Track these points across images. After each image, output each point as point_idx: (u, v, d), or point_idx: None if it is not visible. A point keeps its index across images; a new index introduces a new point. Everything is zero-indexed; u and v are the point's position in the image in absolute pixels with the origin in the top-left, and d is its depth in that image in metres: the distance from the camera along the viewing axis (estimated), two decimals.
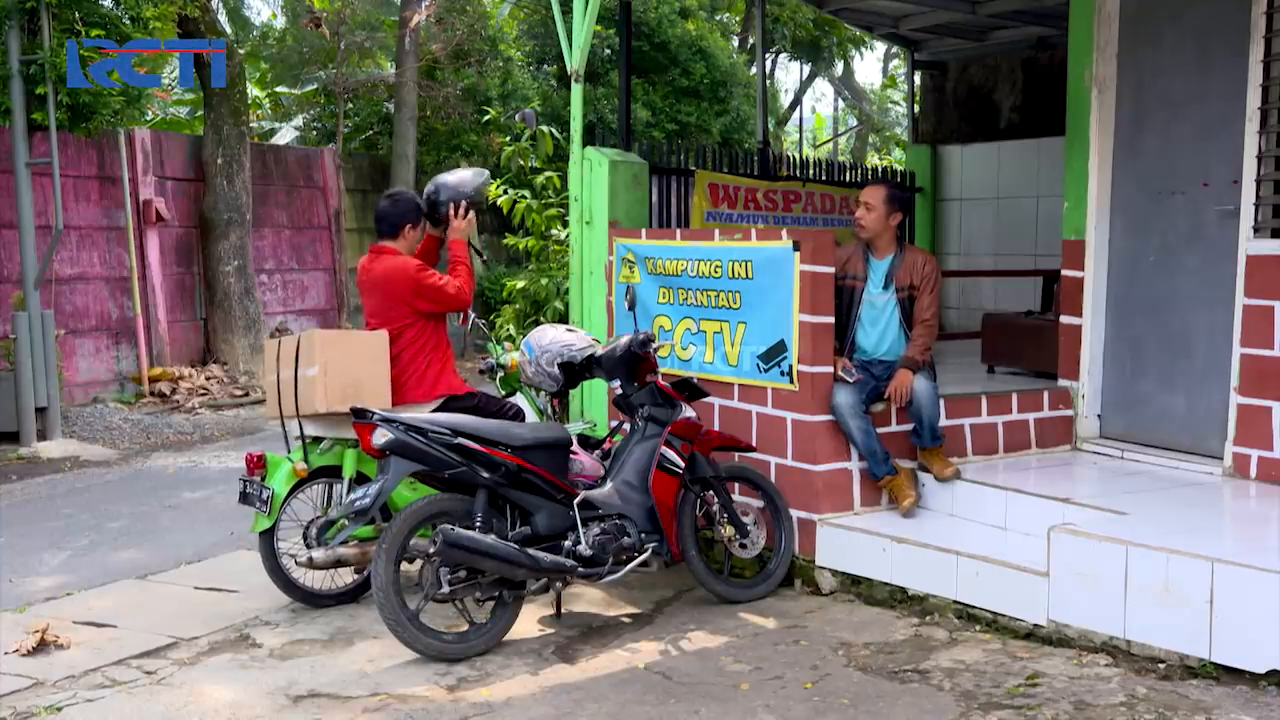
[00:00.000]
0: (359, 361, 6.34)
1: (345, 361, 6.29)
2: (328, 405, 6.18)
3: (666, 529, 6.16)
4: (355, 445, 6.27)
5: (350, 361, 6.31)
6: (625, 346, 6.28)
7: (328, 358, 6.24)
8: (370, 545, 6.19)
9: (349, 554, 6.25)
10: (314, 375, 6.23)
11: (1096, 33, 7.32)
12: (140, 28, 11.77)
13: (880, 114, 36.57)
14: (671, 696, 5.14)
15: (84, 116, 11.57)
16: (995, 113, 12.09)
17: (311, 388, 6.22)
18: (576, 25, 7.79)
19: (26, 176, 11.51)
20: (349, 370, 6.27)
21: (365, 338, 6.51)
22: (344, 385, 6.21)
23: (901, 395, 6.53)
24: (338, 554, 6.22)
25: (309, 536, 6.33)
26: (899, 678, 5.27)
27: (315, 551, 6.20)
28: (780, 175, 10.99)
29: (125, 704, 5.19)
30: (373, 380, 6.32)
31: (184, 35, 14.66)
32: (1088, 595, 5.43)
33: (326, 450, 6.45)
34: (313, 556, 6.18)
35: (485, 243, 20.10)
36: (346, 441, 6.35)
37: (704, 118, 21.35)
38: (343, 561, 6.26)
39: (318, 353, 6.25)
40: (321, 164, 17.71)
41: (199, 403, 13.91)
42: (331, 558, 6.21)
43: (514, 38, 21.00)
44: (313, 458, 6.37)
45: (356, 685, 5.33)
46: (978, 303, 11.44)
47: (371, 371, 6.34)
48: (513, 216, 9.41)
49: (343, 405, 6.11)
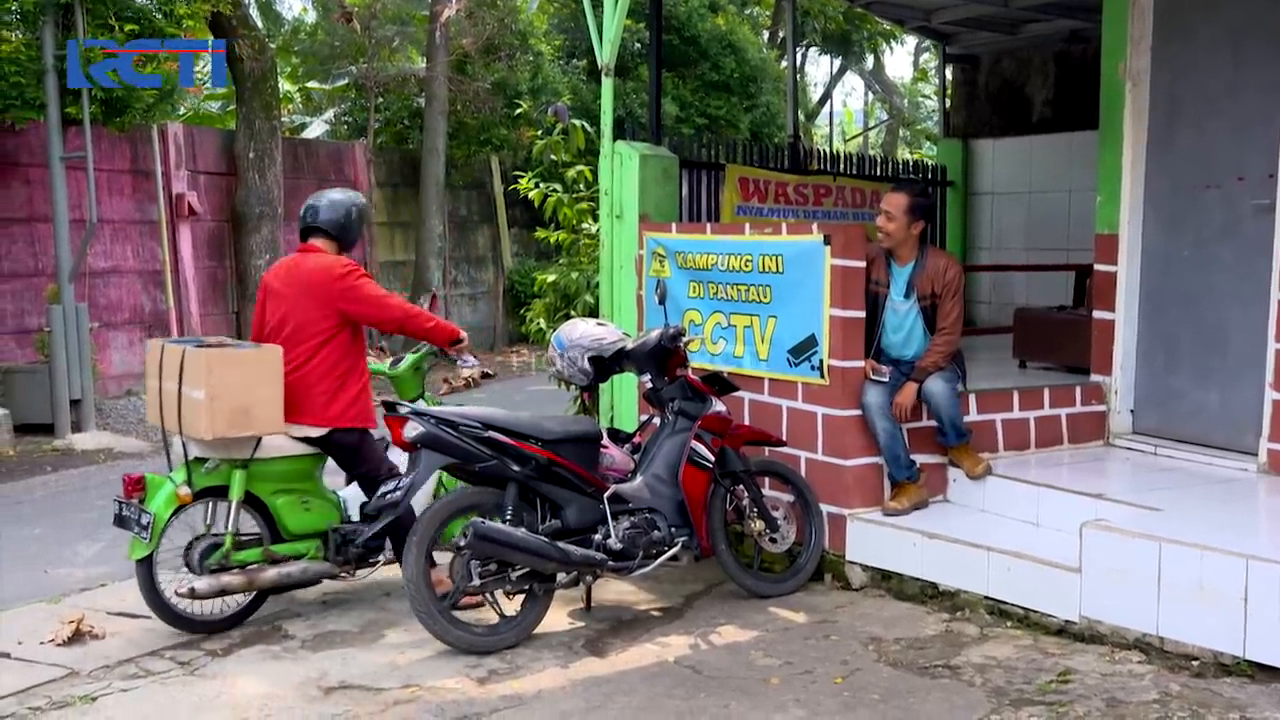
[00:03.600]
0: (250, 384, 5.79)
1: (234, 385, 5.73)
2: (213, 432, 5.68)
3: (696, 523, 6.16)
4: (243, 465, 5.90)
5: (240, 384, 5.76)
6: (655, 340, 6.28)
7: (215, 382, 5.69)
8: (256, 572, 5.89)
9: (234, 582, 5.84)
10: (200, 399, 5.68)
11: (1130, 26, 7.27)
12: (173, 23, 11.85)
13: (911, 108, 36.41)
14: (701, 690, 5.15)
15: (117, 111, 11.66)
16: (1027, 106, 12.02)
17: (197, 413, 5.70)
18: (607, 19, 7.79)
19: (61, 171, 11.60)
20: (238, 394, 5.73)
21: (257, 356, 5.93)
22: (232, 410, 5.70)
23: (904, 413, 6.49)
24: (222, 583, 5.80)
25: (190, 561, 5.89)
26: (930, 673, 5.25)
27: (198, 581, 5.76)
28: (811, 169, 10.96)
29: (159, 694, 5.23)
30: (264, 404, 5.80)
31: (216, 31, 14.77)
32: (1120, 591, 5.40)
33: (212, 470, 5.92)
34: (194, 587, 5.74)
35: (516, 237, 20.16)
36: (234, 461, 5.90)
37: (733, 112, 21.32)
38: (227, 590, 5.84)
39: (204, 376, 5.69)
40: (352, 158, 17.77)
41: None
42: (215, 587, 5.78)
43: (544, 32, 21.01)
44: (197, 478, 5.87)
45: (387, 677, 5.36)
46: (1009, 297, 11.38)
47: (264, 394, 5.81)
48: (543, 210, 9.41)
49: (230, 432, 5.72)
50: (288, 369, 5.96)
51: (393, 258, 18.50)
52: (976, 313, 11.71)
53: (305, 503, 6.10)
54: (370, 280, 6.18)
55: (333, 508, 6.22)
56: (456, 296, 19.19)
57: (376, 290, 6.16)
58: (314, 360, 6.04)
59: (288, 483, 6.09)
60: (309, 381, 6.02)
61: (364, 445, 6.18)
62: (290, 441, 6.05)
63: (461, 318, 19.19)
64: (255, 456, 5.93)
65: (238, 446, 5.88)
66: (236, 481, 5.92)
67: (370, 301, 6.10)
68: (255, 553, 5.96)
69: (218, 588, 5.81)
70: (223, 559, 5.86)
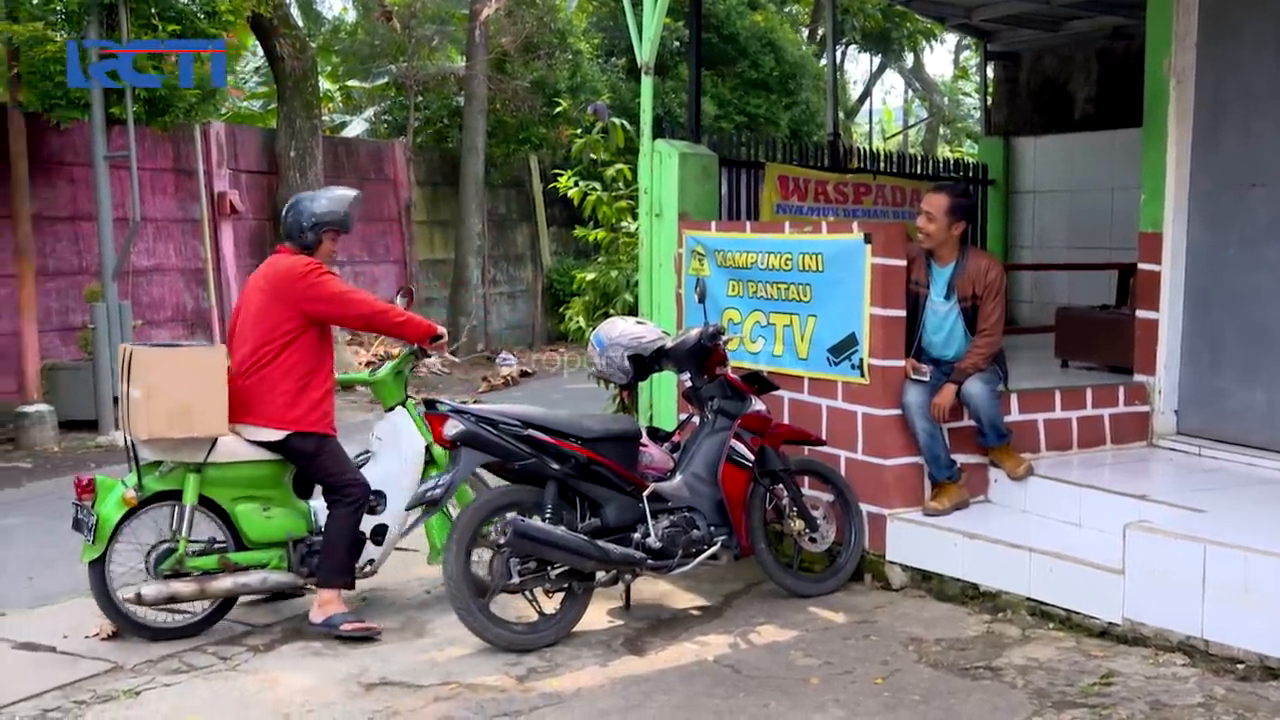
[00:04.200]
0: (190, 384, 5.65)
1: (173, 384, 5.62)
2: (150, 432, 5.61)
3: (736, 522, 6.15)
4: (197, 470, 5.77)
5: (179, 383, 5.63)
6: (695, 339, 6.27)
7: (152, 380, 5.62)
8: (209, 580, 5.78)
9: (185, 590, 5.73)
10: (138, 399, 5.62)
11: (1175, 23, 7.19)
12: (215, 23, 11.94)
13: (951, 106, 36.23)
14: (741, 690, 5.14)
15: (160, 111, 11.77)
16: (1070, 104, 11.93)
17: (136, 412, 5.63)
18: (647, 18, 7.78)
19: (105, 170, 11.71)
20: (177, 393, 5.61)
21: (197, 355, 5.89)
22: (170, 410, 5.59)
23: (943, 414, 6.45)
24: (172, 589, 5.70)
25: (148, 566, 5.79)
26: (970, 674, 5.22)
27: (145, 586, 5.68)
28: (851, 167, 10.92)
29: (201, 689, 5.28)
30: (207, 405, 5.65)
31: (258, 31, 14.87)
32: (1164, 593, 5.35)
33: (167, 473, 5.81)
34: (141, 592, 5.66)
35: (554, 235, 20.18)
36: (188, 465, 5.77)
37: (772, 110, 21.28)
38: (177, 598, 5.73)
39: (140, 374, 5.65)
40: (392, 157, 17.86)
41: None
42: (165, 593, 5.69)
43: (583, 30, 21.05)
44: (151, 481, 5.77)
45: (427, 674, 5.38)
46: (1051, 296, 11.30)
47: (206, 395, 5.66)
48: (583, 209, 9.42)
49: (169, 432, 5.62)
50: (250, 370, 5.85)
51: (432, 256, 18.58)
52: (1018, 312, 11.63)
53: (267, 511, 5.94)
54: (333, 278, 5.99)
55: (299, 517, 6.04)
56: (495, 295, 19.24)
57: (339, 287, 5.99)
58: (275, 362, 5.86)
59: (249, 489, 5.92)
60: (269, 383, 5.84)
61: (322, 452, 5.94)
62: (249, 446, 5.88)
63: (500, 316, 19.26)
64: (211, 460, 5.77)
65: (189, 449, 5.73)
66: (190, 486, 5.77)
67: (332, 299, 5.93)
68: (211, 560, 5.84)
69: (166, 594, 5.70)
70: (176, 565, 5.75)
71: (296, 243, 6.05)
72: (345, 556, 5.92)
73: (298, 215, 6.04)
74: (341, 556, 5.90)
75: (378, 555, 6.15)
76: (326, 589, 5.88)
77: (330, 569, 5.88)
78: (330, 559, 5.89)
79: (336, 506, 5.91)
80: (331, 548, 5.89)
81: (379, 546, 6.13)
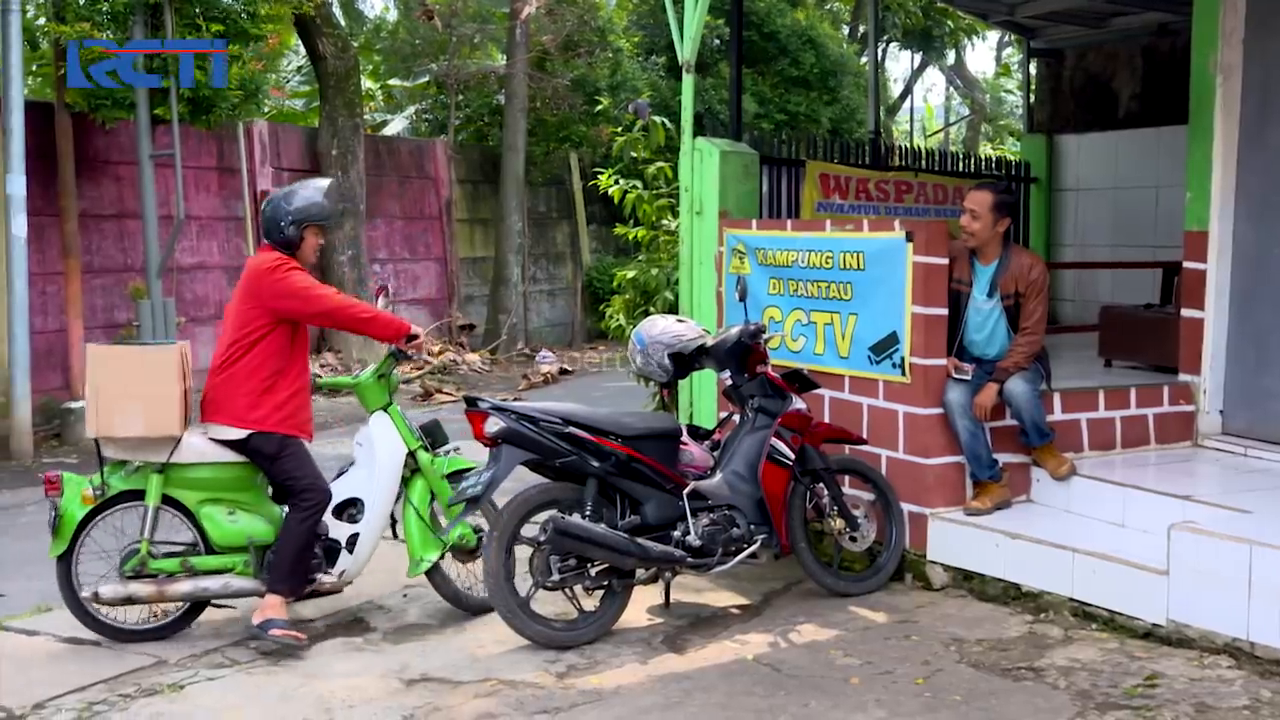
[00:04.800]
0: (140, 382, 5.60)
1: (121, 382, 5.60)
2: (99, 430, 5.59)
3: (776, 521, 6.14)
4: (159, 470, 5.70)
5: (128, 382, 5.60)
6: (736, 337, 6.27)
7: (100, 377, 5.62)
8: (167, 583, 5.72)
9: (142, 591, 5.68)
10: (89, 396, 5.63)
11: (1222, 19, 7.12)
12: (258, 23, 12.03)
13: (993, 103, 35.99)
14: (781, 689, 5.13)
15: (204, 110, 11.85)
16: (1114, 101, 11.83)
17: (88, 410, 5.64)
18: (688, 16, 7.78)
19: (149, 168, 11.82)
20: (126, 392, 5.57)
21: (149, 354, 5.84)
22: (121, 409, 5.56)
23: (984, 413, 6.41)
24: (129, 590, 5.66)
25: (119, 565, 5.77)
26: (1012, 675, 5.20)
27: (103, 586, 5.66)
28: (892, 165, 10.88)
29: (244, 683, 5.33)
30: (158, 404, 5.58)
31: (301, 31, 14.96)
32: (1210, 595, 5.30)
33: (132, 473, 5.77)
34: (98, 591, 5.64)
35: (594, 233, 20.22)
36: (150, 465, 5.72)
37: (813, 107, 21.21)
38: (134, 599, 5.70)
39: (89, 371, 5.66)
40: (433, 155, 17.94)
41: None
42: (121, 594, 5.65)
43: (623, 28, 21.06)
44: (117, 480, 5.72)
45: (468, 670, 5.41)
46: (1094, 295, 11.21)
47: (158, 394, 5.59)
48: (623, 207, 9.43)
49: (117, 431, 5.59)
50: (221, 368, 5.77)
51: (472, 254, 18.65)
52: (1060, 310, 11.56)
53: (232, 514, 5.80)
54: (300, 273, 5.82)
55: (267, 522, 5.86)
56: (535, 293, 19.29)
57: (304, 282, 5.80)
58: (242, 360, 5.75)
59: (216, 491, 5.81)
60: (236, 382, 5.74)
61: (283, 454, 5.77)
62: (215, 447, 5.76)
63: (540, 314, 19.30)
64: (175, 461, 5.70)
65: (151, 449, 5.67)
66: (153, 486, 5.71)
67: (296, 295, 5.76)
68: (173, 563, 5.75)
69: (123, 595, 5.66)
70: (139, 565, 5.70)
71: (277, 241, 5.90)
72: (293, 564, 5.71)
73: (275, 214, 5.88)
74: (289, 564, 5.70)
75: (350, 564, 5.93)
76: (272, 594, 5.71)
77: (277, 575, 5.71)
78: (278, 565, 5.71)
79: (292, 511, 5.75)
80: (280, 554, 5.71)
81: (352, 555, 5.92)
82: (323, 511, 5.81)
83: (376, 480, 5.97)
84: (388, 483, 5.99)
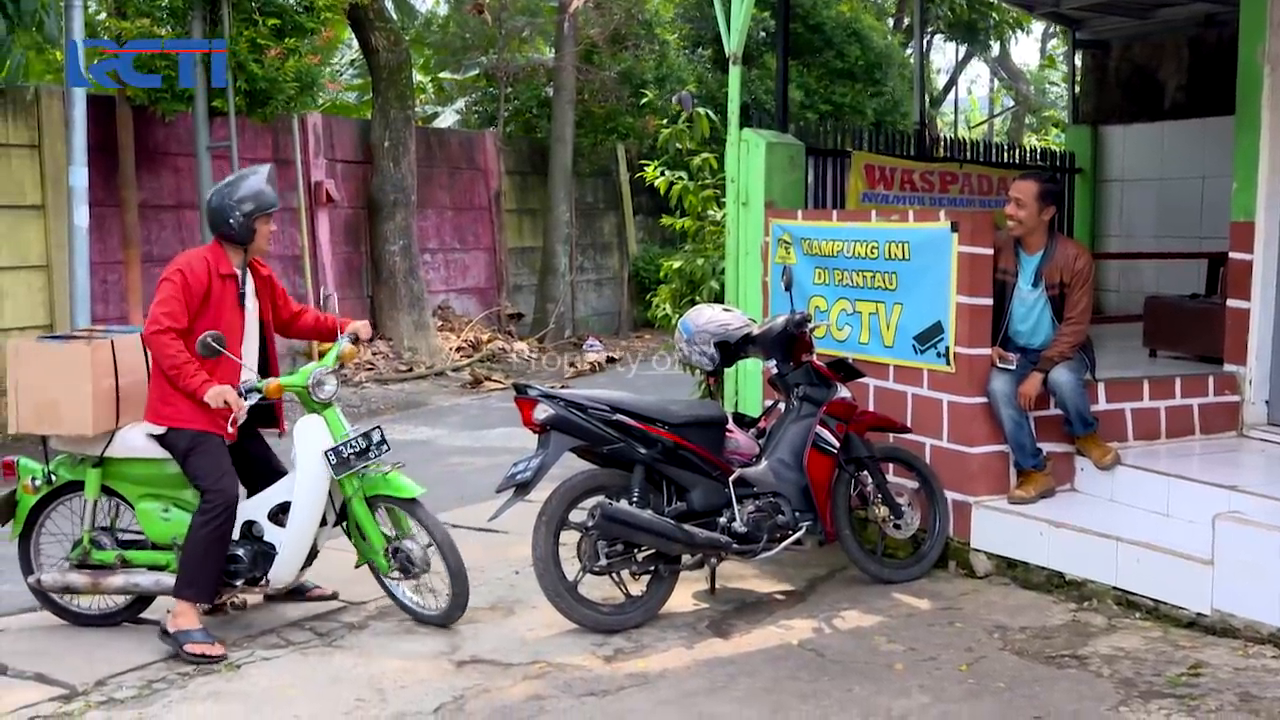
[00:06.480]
0: (56, 380, 5.59)
1: (39, 379, 5.63)
2: (17, 426, 5.64)
3: (820, 508, 6.20)
4: (96, 465, 5.70)
5: (45, 379, 5.62)
6: (781, 326, 6.33)
7: (19, 375, 5.65)
8: (101, 576, 5.73)
9: (79, 581, 5.74)
10: (9, 392, 5.68)
11: (1270, 9, 7.09)
12: (313, 18, 12.20)
13: (1037, 94, 35.71)
14: (825, 674, 5.20)
15: (260, 102, 12.05)
16: (1160, 92, 11.78)
17: (9, 406, 5.69)
18: (735, 8, 7.84)
19: (207, 159, 12.04)
20: (43, 389, 5.60)
21: (64, 352, 5.71)
22: (37, 406, 5.61)
23: (1029, 402, 6.44)
24: (67, 580, 5.75)
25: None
26: (1056, 663, 5.24)
27: (45, 574, 5.78)
28: (937, 156, 10.89)
29: (299, 664, 5.45)
30: (74, 402, 5.55)
31: (354, 24, 15.13)
32: (1255, 585, 5.32)
33: (75, 465, 5.79)
34: (41, 579, 5.77)
35: (640, 224, 20.30)
36: (88, 459, 5.71)
37: (858, 99, 21.16)
38: (71, 589, 5.78)
39: (9, 368, 5.69)
40: (483, 147, 18.07)
41: (365, 377, 14.35)
42: (60, 583, 5.76)
43: (669, 21, 21.10)
44: (64, 471, 5.77)
45: (517, 653, 5.51)
46: (1139, 285, 11.18)
47: (73, 392, 5.56)
48: (669, 197, 9.50)
49: (37, 428, 5.67)
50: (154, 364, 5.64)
51: (521, 244, 18.77)
52: (1105, 300, 11.54)
53: (166, 512, 5.70)
54: (166, 284, 5.63)
55: None
56: (582, 282, 19.39)
57: (160, 294, 5.62)
58: None
59: (154, 487, 5.74)
60: (155, 377, 5.65)
61: (195, 451, 5.55)
62: (148, 443, 5.64)
63: (587, 303, 19.41)
64: (110, 455, 5.68)
65: (87, 443, 5.66)
66: (91, 479, 5.72)
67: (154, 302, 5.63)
68: (110, 555, 5.76)
69: (61, 584, 5.77)
70: (81, 556, 5.76)
71: (226, 235, 5.84)
72: (197, 568, 5.52)
73: (221, 207, 5.79)
74: (192, 568, 5.52)
75: (274, 569, 5.71)
76: (179, 599, 5.57)
77: (181, 579, 5.55)
78: (181, 569, 5.56)
79: (196, 513, 5.56)
80: (184, 557, 5.54)
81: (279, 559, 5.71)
82: (228, 514, 5.55)
83: (299, 483, 5.73)
84: (309, 485, 5.71)
